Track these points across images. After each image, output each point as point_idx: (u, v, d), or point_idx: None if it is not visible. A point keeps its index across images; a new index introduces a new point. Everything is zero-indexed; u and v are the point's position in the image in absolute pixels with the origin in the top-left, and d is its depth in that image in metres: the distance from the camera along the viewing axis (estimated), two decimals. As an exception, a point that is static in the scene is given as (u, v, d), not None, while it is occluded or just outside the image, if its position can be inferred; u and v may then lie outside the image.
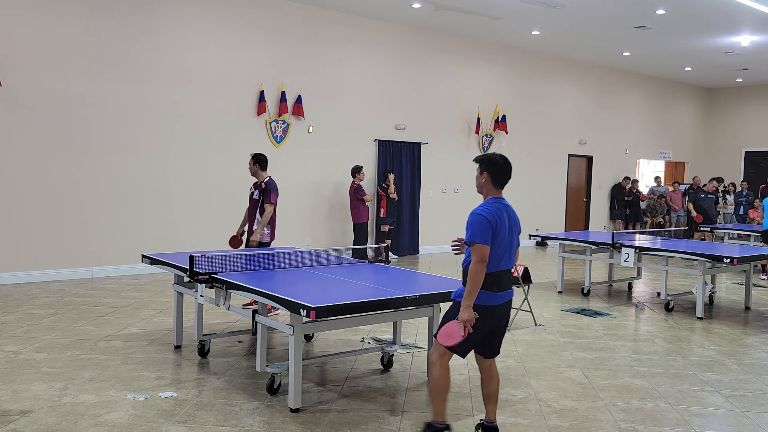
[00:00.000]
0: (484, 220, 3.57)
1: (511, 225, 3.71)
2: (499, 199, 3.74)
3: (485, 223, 3.56)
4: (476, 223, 3.57)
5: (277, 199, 7.02)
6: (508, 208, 3.74)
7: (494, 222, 3.58)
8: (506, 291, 3.70)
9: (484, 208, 3.63)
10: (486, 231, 3.54)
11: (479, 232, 3.54)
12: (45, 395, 4.42)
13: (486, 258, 3.53)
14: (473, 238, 3.55)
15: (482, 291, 3.57)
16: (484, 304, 3.58)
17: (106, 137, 9.18)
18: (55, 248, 8.85)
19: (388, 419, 4.15)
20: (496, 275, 3.62)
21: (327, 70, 11.31)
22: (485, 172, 3.76)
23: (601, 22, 11.75)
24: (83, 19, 8.89)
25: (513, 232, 3.73)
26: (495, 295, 3.62)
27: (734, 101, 19.28)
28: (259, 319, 4.53)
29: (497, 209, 3.65)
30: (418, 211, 12.63)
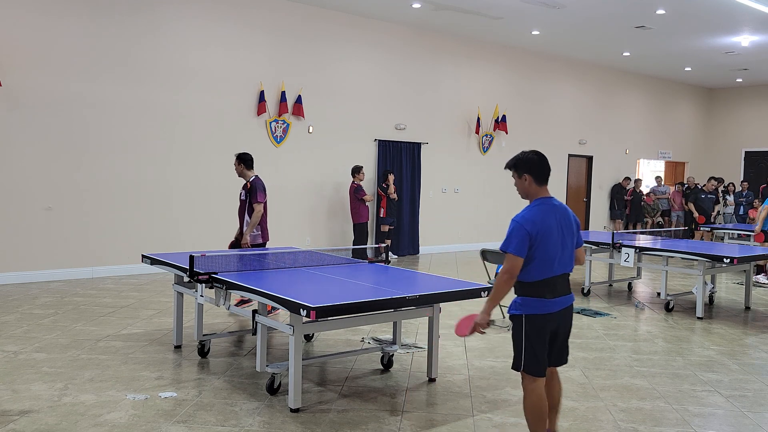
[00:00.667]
0: (521, 230, 3.33)
1: (562, 226, 3.46)
2: (545, 199, 3.48)
3: (522, 232, 3.33)
4: (512, 231, 3.36)
5: (266, 197, 6.92)
6: (557, 209, 3.48)
7: (533, 230, 3.34)
8: (563, 296, 3.47)
9: (523, 215, 3.40)
10: (521, 241, 3.32)
11: (513, 241, 3.33)
12: (45, 395, 4.42)
13: (516, 269, 3.33)
14: (505, 247, 3.36)
15: (535, 299, 3.39)
16: (538, 312, 3.39)
17: (106, 137, 9.18)
18: (55, 248, 8.85)
19: (388, 419, 4.15)
20: (549, 281, 3.40)
21: (327, 70, 11.31)
22: (525, 174, 3.49)
23: (601, 22, 11.75)
24: (83, 19, 8.89)
25: (566, 233, 3.47)
26: (550, 302, 3.41)
27: (734, 101, 19.28)
28: (259, 319, 4.53)
29: (542, 212, 3.41)
30: (418, 211, 12.63)
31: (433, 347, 4.90)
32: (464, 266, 11.15)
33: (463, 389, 4.77)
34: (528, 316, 3.41)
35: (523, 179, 3.51)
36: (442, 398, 4.57)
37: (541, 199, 3.48)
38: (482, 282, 6.06)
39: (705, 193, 13.76)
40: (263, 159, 10.66)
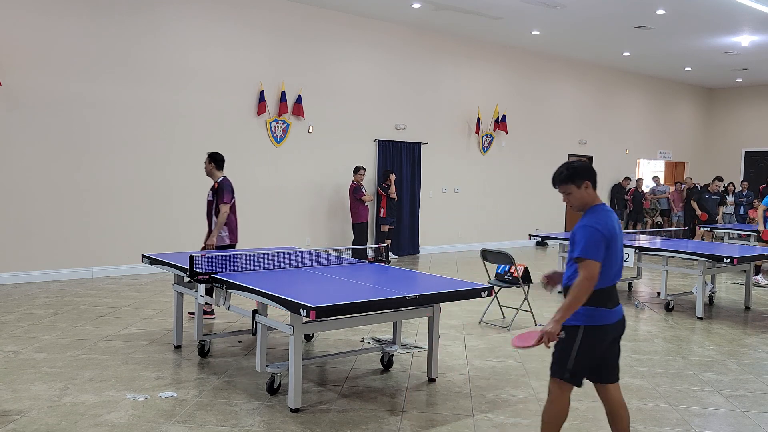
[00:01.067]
0: (598, 234, 3.18)
1: (619, 232, 3.34)
2: (603, 205, 3.35)
3: (599, 237, 3.17)
4: (590, 236, 3.17)
5: (233, 199, 6.85)
6: (613, 214, 3.34)
7: (608, 235, 3.21)
8: (619, 306, 3.33)
9: (596, 220, 3.22)
10: (599, 246, 3.17)
11: (593, 247, 3.15)
12: (45, 395, 4.42)
13: (596, 276, 3.15)
14: (585, 254, 3.14)
15: (597, 309, 3.22)
16: (604, 323, 3.23)
17: (106, 137, 9.18)
18: (55, 248, 8.85)
19: (388, 419, 4.15)
20: (610, 290, 3.26)
21: (327, 70, 11.31)
22: (586, 182, 3.33)
23: (601, 22, 11.75)
24: (83, 19, 8.89)
25: (621, 239, 3.39)
26: (611, 312, 3.26)
27: (734, 101, 19.28)
28: (259, 319, 4.53)
29: (608, 218, 3.26)
30: (418, 211, 12.63)
31: (433, 347, 4.90)
32: (464, 266, 11.15)
33: (463, 389, 4.77)
34: (587, 328, 3.22)
35: (584, 188, 3.33)
36: (442, 398, 4.57)
37: (601, 205, 3.34)
38: (482, 282, 6.07)
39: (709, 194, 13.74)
40: (263, 159, 10.66)
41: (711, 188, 13.83)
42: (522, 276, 6.86)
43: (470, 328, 6.65)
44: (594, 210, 3.31)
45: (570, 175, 3.32)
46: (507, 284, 6.91)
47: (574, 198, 3.35)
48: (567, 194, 3.35)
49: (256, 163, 10.56)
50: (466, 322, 6.90)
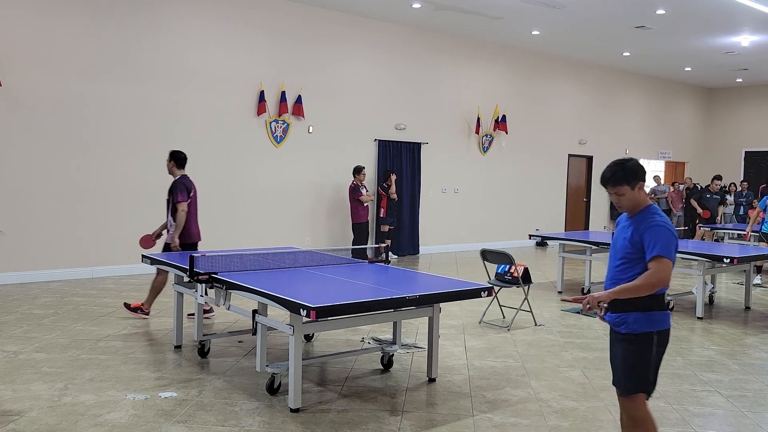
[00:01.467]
0: (672, 237, 3.05)
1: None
2: (656, 206, 3.22)
3: (673, 237, 3.05)
4: (667, 237, 3.02)
5: (189, 197, 6.82)
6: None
7: (676, 234, 3.09)
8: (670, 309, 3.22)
9: (666, 221, 3.10)
10: (674, 246, 3.04)
11: (669, 246, 3.02)
12: (45, 395, 4.42)
13: (669, 277, 2.99)
14: (665, 253, 2.99)
15: (662, 313, 3.09)
16: (666, 327, 3.10)
17: (107, 137, 9.18)
18: (55, 248, 8.85)
19: (388, 419, 4.15)
20: (663, 294, 3.12)
21: (327, 70, 11.31)
22: (639, 182, 3.17)
23: (601, 22, 11.75)
24: (83, 19, 8.89)
25: None
26: (668, 315, 3.14)
27: (734, 101, 19.28)
28: (259, 319, 4.53)
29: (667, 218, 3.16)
30: (418, 211, 12.63)
31: (433, 347, 4.90)
32: (464, 266, 11.15)
33: (463, 389, 4.77)
34: (660, 333, 3.07)
35: (637, 188, 3.16)
36: (442, 398, 4.57)
37: (654, 206, 3.19)
38: (482, 282, 6.07)
39: (710, 194, 13.74)
40: (263, 159, 10.66)
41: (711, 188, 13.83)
42: (522, 276, 6.86)
43: (470, 328, 6.65)
44: (652, 211, 3.14)
45: (625, 175, 3.14)
46: (507, 284, 6.91)
47: (626, 199, 3.16)
48: (619, 195, 3.16)
49: (256, 163, 10.56)
50: (466, 322, 6.90)
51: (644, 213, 3.14)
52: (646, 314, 3.06)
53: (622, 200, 3.18)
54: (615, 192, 3.17)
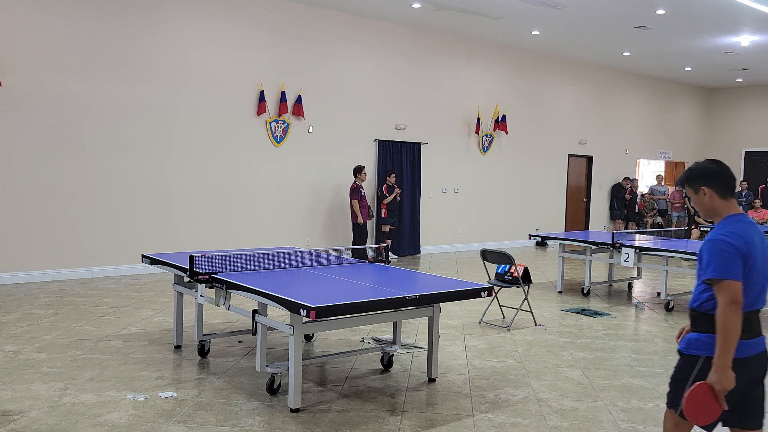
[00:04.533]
0: (730, 248, 2.66)
1: (765, 249, 2.78)
2: (740, 216, 2.80)
3: (732, 251, 2.66)
4: (720, 252, 2.67)
5: None
6: (755, 228, 2.79)
7: (744, 249, 2.68)
8: (760, 338, 2.75)
9: (727, 232, 2.71)
10: (734, 261, 2.65)
11: (727, 264, 2.64)
12: (45, 395, 4.42)
13: (740, 298, 2.62)
14: (719, 273, 2.64)
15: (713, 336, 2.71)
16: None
17: (106, 137, 9.18)
18: (55, 248, 8.85)
19: (388, 419, 4.15)
20: (747, 316, 2.70)
21: (327, 70, 11.31)
22: (703, 188, 2.83)
23: (601, 22, 11.75)
24: (83, 19, 8.89)
25: (766, 258, 2.78)
26: (746, 344, 2.69)
27: (734, 101, 19.29)
28: (259, 319, 4.53)
29: (745, 230, 2.73)
30: (419, 211, 12.63)
31: (433, 347, 4.90)
32: (464, 266, 11.15)
33: (463, 389, 4.77)
34: (708, 359, 2.70)
35: (701, 194, 2.85)
36: (442, 398, 4.57)
37: (736, 215, 2.80)
38: (482, 282, 6.07)
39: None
40: (263, 159, 10.66)
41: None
42: (522, 276, 6.86)
43: (470, 328, 6.65)
44: (725, 221, 2.80)
45: (686, 177, 2.90)
46: (507, 284, 6.91)
47: (695, 203, 2.90)
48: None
49: (256, 163, 10.56)
50: (466, 322, 6.90)
51: (717, 224, 2.85)
52: (697, 335, 2.79)
53: (694, 203, 2.93)
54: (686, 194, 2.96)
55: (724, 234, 2.72)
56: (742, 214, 2.82)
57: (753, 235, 2.74)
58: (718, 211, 2.84)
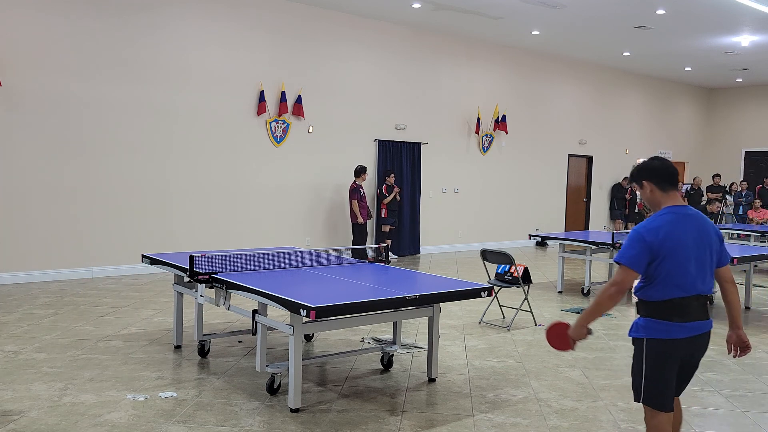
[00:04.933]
0: (639, 239, 2.95)
1: (698, 239, 3.00)
2: (675, 207, 3.04)
3: (639, 241, 2.94)
4: (629, 240, 2.98)
5: None
6: (691, 218, 3.02)
7: (655, 241, 2.93)
8: (697, 321, 3.01)
9: (645, 224, 3.00)
10: (638, 252, 2.93)
11: (627, 251, 2.96)
12: (45, 395, 4.42)
13: (626, 284, 2.93)
14: (618, 257, 2.97)
15: (660, 322, 2.97)
16: (663, 337, 2.97)
17: (106, 137, 9.18)
18: (55, 248, 8.85)
19: (388, 419, 4.15)
20: (678, 302, 2.96)
21: (327, 70, 11.31)
22: (645, 182, 3.13)
23: (601, 22, 11.75)
24: (83, 18, 8.89)
25: (702, 247, 3.01)
26: (678, 326, 2.97)
27: (734, 101, 19.28)
28: (259, 319, 4.53)
29: (669, 222, 2.98)
30: (419, 211, 12.63)
31: (433, 347, 4.90)
32: (464, 266, 11.15)
33: (463, 389, 4.77)
34: (650, 341, 2.99)
35: (645, 189, 3.14)
36: (442, 398, 4.57)
37: (669, 208, 3.05)
38: (482, 282, 6.07)
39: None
40: (263, 159, 10.66)
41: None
42: (522, 276, 6.86)
43: (470, 328, 6.65)
44: (658, 213, 3.07)
45: (632, 174, 3.26)
46: (507, 284, 6.91)
47: (642, 197, 3.19)
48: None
49: (256, 163, 10.56)
50: (466, 322, 6.90)
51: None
52: (640, 320, 3.04)
53: (641, 198, 3.22)
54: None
55: (643, 225, 3.00)
56: (676, 206, 3.05)
57: (680, 228, 2.97)
58: (659, 203, 3.10)
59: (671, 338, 2.97)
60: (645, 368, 3.01)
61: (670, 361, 2.99)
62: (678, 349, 2.99)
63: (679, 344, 2.98)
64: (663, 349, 2.98)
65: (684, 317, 2.98)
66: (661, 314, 2.98)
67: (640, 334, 3.03)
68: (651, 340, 2.99)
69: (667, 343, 2.97)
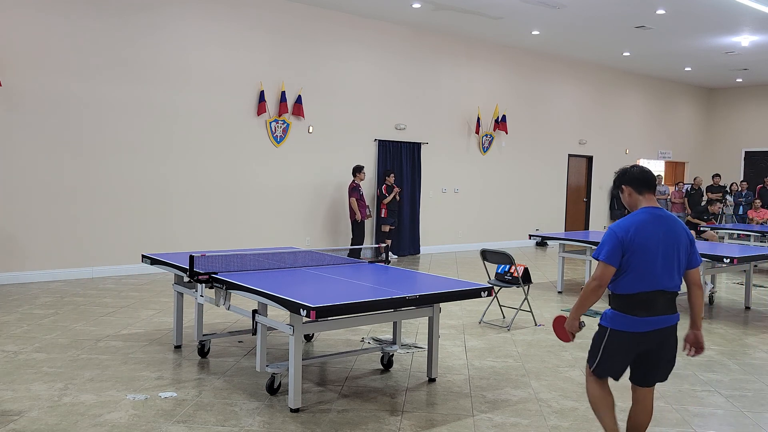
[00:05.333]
0: (613, 236, 3.23)
1: (666, 239, 3.24)
2: (648, 209, 3.31)
3: (614, 240, 3.21)
4: (605, 238, 3.27)
5: None
6: (662, 219, 3.27)
7: (626, 238, 3.19)
8: (661, 316, 3.25)
9: (619, 223, 3.29)
10: (613, 248, 3.20)
11: (604, 247, 3.24)
12: (45, 395, 4.42)
13: (606, 278, 3.21)
14: (596, 254, 3.27)
15: (624, 315, 3.24)
16: (626, 330, 3.24)
17: (106, 137, 9.18)
18: (55, 248, 8.85)
19: (388, 419, 4.15)
20: (643, 297, 3.21)
21: (327, 70, 11.31)
22: (623, 187, 3.42)
23: (601, 22, 11.75)
24: (83, 19, 8.89)
25: (670, 246, 3.24)
26: (641, 321, 3.21)
27: (734, 101, 19.29)
28: (259, 319, 4.53)
29: (640, 221, 3.25)
30: (419, 211, 12.63)
31: (433, 347, 4.90)
32: (464, 266, 11.15)
33: (463, 389, 4.77)
34: (613, 332, 3.28)
35: (624, 193, 3.43)
36: (442, 398, 4.57)
37: (643, 209, 3.32)
38: (482, 282, 6.07)
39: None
40: (263, 159, 10.66)
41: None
42: (522, 276, 6.86)
43: (470, 328, 6.65)
44: (630, 214, 3.36)
45: (614, 180, 3.51)
46: (507, 284, 6.91)
47: (623, 200, 3.48)
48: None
49: (256, 163, 10.56)
50: (466, 322, 6.90)
51: None
52: (608, 310, 3.35)
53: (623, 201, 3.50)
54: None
55: (616, 224, 3.28)
56: (650, 207, 3.31)
57: (650, 227, 3.23)
58: (637, 205, 3.38)
59: (633, 332, 3.24)
60: (602, 351, 3.34)
61: (627, 351, 3.29)
62: (638, 341, 3.25)
63: (641, 337, 3.25)
64: (623, 339, 3.26)
65: (649, 311, 3.22)
66: (626, 308, 3.24)
67: (605, 323, 3.32)
68: (614, 332, 3.28)
69: (629, 335, 3.25)
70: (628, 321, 3.23)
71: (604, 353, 3.33)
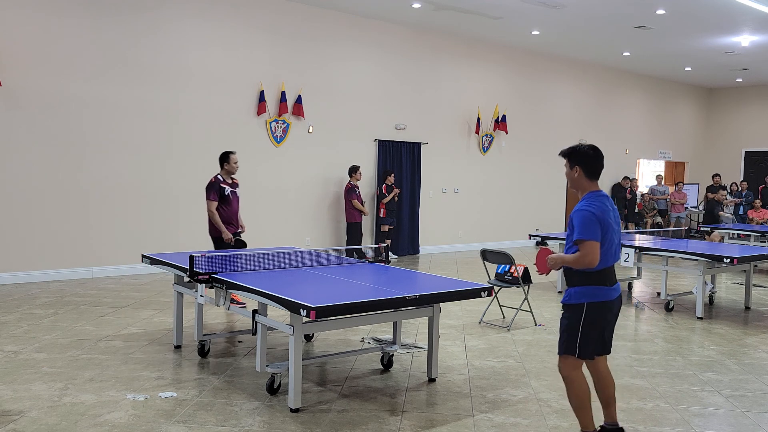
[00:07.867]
0: (591, 216, 3.47)
1: (615, 216, 3.64)
2: (599, 192, 3.63)
3: (592, 218, 3.46)
4: (584, 219, 3.47)
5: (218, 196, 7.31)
6: (608, 200, 3.64)
7: (601, 217, 3.49)
8: (617, 284, 3.64)
9: (588, 204, 3.54)
10: (594, 226, 3.46)
11: (588, 228, 3.46)
12: (45, 395, 4.42)
13: (596, 255, 3.44)
14: (582, 235, 3.45)
15: (598, 287, 3.54)
16: (604, 300, 3.55)
17: (107, 137, 9.18)
18: (55, 248, 8.84)
19: (388, 419, 4.15)
20: (609, 270, 3.58)
21: (327, 70, 11.31)
22: (576, 166, 3.64)
23: (601, 22, 11.75)
24: (84, 19, 8.89)
25: (617, 223, 3.66)
26: (610, 290, 3.58)
27: (734, 101, 19.28)
28: (259, 319, 4.53)
29: (601, 203, 3.56)
30: (418, 211, 12.63)
31: (433, 347, 4.90)
32: (464, 266, 11.15)
33: (463, 389, 4.77)
34: (590, 305, 3.54)
35: (574, 170, 3.65)
36: (442, 398, 4.57)
37: (596, 192, 3.62)
38: (482, 282, 6.07)
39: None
40: (263, 159, 10.66)
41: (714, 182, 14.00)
42: (522, 276, 6.86)
43: (470, 328, 6.65)
44: (588, 196, 3.60)
45: (567, 152, 3.68)
46: (507, 284, 6.91)
47: (567, 174, 3.71)
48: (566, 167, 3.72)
49: (256, 163, 10.56)
50: (466, 322, 6.90)
51: (581, 198, 3.64)
52: (575, 289, 3.58)
53: (566, 174, 3.73)
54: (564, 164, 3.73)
55: (587, 206, 3.52)
56: (599, 191, 3.63)
57: (607, 206, 3.58)
58: (582, 187, 3.65)
59: (607, 300, 3.56)
60: (582, 328, 3.54)
61: (602, 321, 3.58)
62: (610, 307, 3.59)
63: (611, 304, 3.59)
64: (601, 309, 3.55)
65: (612, 281, 3.60)
66: (597, 281, 3.54)
67: (581, 300, 3.55)
68: (591, 304, 3.53)
69: (606, 304, 3.56)
70: (603, 291, 3.54)
71: (584, 330, 3.54)
